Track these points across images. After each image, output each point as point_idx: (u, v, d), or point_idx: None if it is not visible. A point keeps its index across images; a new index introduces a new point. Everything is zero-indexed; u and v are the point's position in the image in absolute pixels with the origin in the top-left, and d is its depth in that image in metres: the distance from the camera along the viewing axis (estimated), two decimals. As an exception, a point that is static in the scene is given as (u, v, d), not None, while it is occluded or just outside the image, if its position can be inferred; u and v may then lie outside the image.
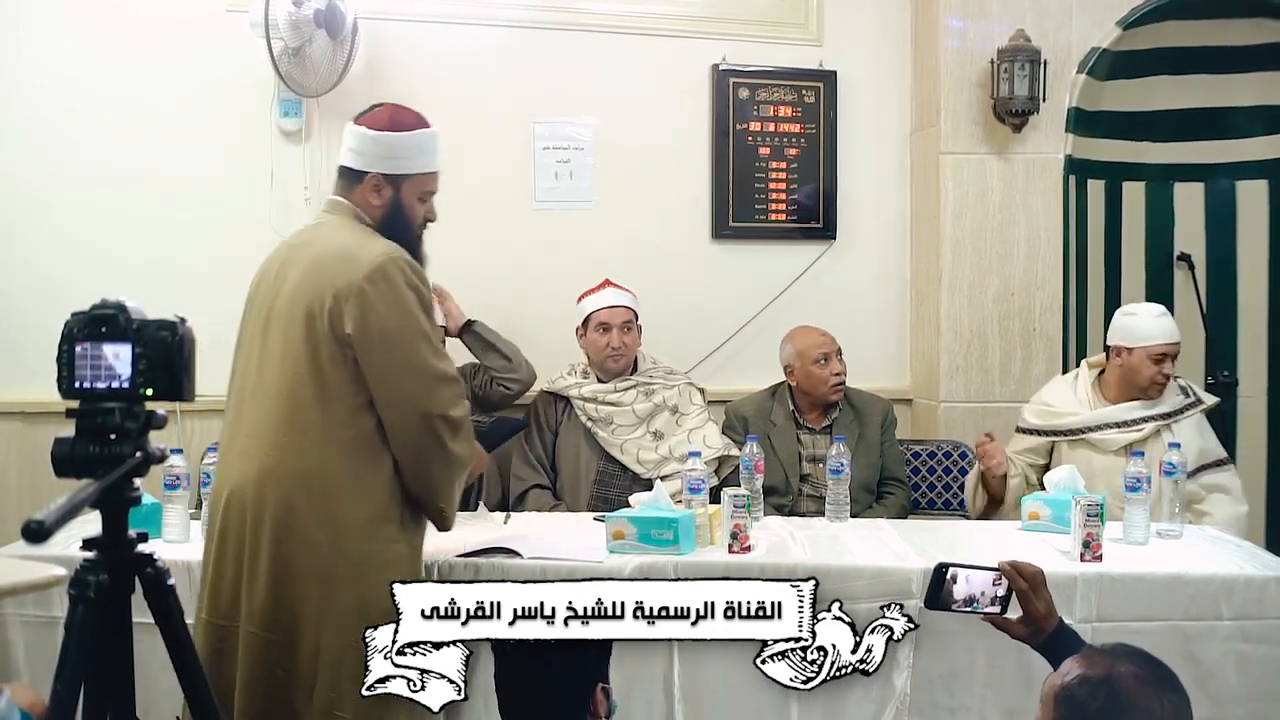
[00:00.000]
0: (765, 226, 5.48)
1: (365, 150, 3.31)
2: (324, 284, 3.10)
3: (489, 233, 5.25)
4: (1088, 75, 5.29)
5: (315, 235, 3.29)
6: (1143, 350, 4.44)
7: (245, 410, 3.16)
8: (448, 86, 5.21)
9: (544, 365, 4.94)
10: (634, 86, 5.38)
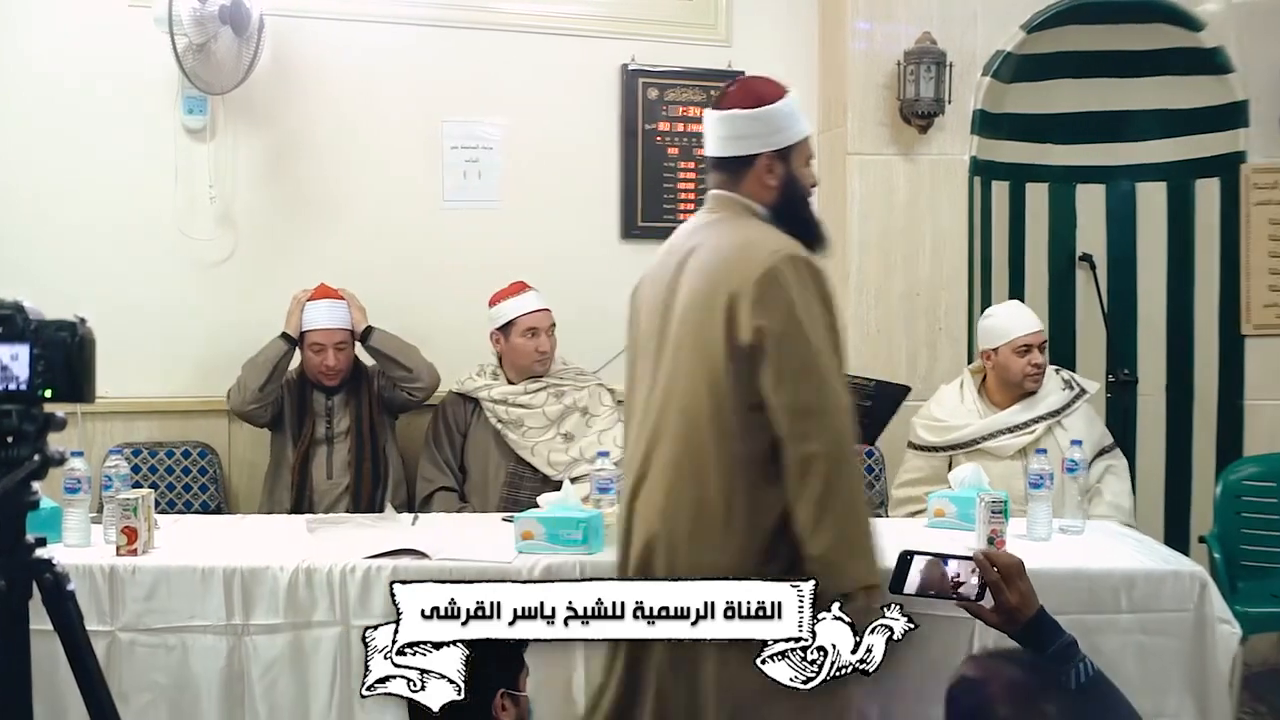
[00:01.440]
0: (674, 226, 5.30)
1: (749, 132, 3.02)
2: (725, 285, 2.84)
3: (397, 232, 5.22)
4: (992, 78, 5.36)
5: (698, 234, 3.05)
6: (1006, 346, 4.51)
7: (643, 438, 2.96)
8: (355, 85, 5.18)
9: (451, 365, 4.91)
10: (543, 86, 5.37)
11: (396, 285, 5.14)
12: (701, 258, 2.92)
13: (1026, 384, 4.51)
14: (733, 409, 2.79)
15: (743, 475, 2.78)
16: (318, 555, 3.52)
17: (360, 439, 4.71)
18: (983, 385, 4.66)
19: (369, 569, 3.46)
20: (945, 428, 4.59)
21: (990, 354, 4.57)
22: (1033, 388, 4.52)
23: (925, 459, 4.59)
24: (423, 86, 5.27)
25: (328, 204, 5.18)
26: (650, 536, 2.86)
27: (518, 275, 4.87)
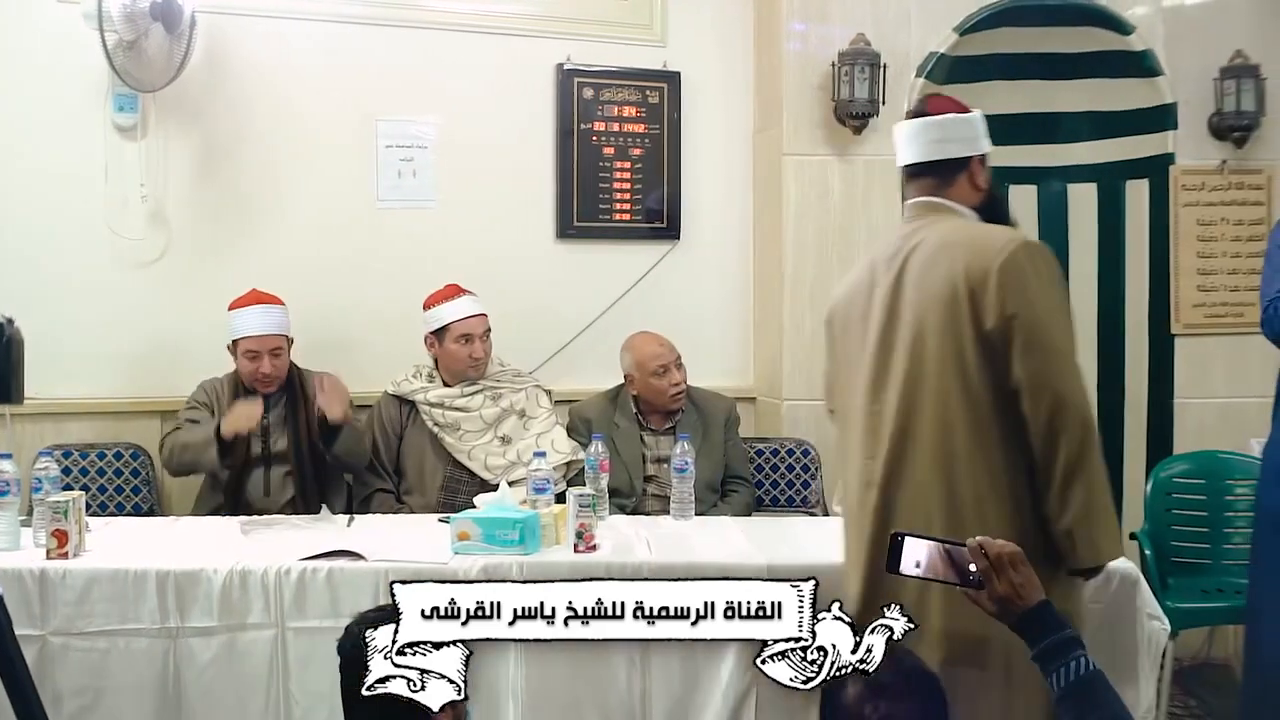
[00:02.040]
0: (609, 226, 5.49)
1: (963, 135, 3.15)
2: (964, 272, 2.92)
3: (331, 231, 5.19)
4: (925, 79, 5.39)
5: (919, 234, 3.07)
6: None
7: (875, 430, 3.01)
8: (288, 83, 5.14)
9: (386, 366, 4.89)
10: (478, 85, 5.35)
11: (331, 285, 5.11)
12: (928, 255, 2.99)
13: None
14: (983, 395, 2.87)
15: (999, 457, 2.87)
16: (252, 557, 3.50)
17: (300, 459, 4.63)
18: None
19: (304, 571, 3.44)
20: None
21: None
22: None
23: None
24: (356, 85, 5.23)
25: (261, 203, 5.14)
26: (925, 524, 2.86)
27: (453, 275, 4.85)
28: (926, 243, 3.02)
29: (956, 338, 2.89)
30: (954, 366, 2.90)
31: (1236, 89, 5.38)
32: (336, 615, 3.31)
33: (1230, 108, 5.38)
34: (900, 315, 3.01)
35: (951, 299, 2.90)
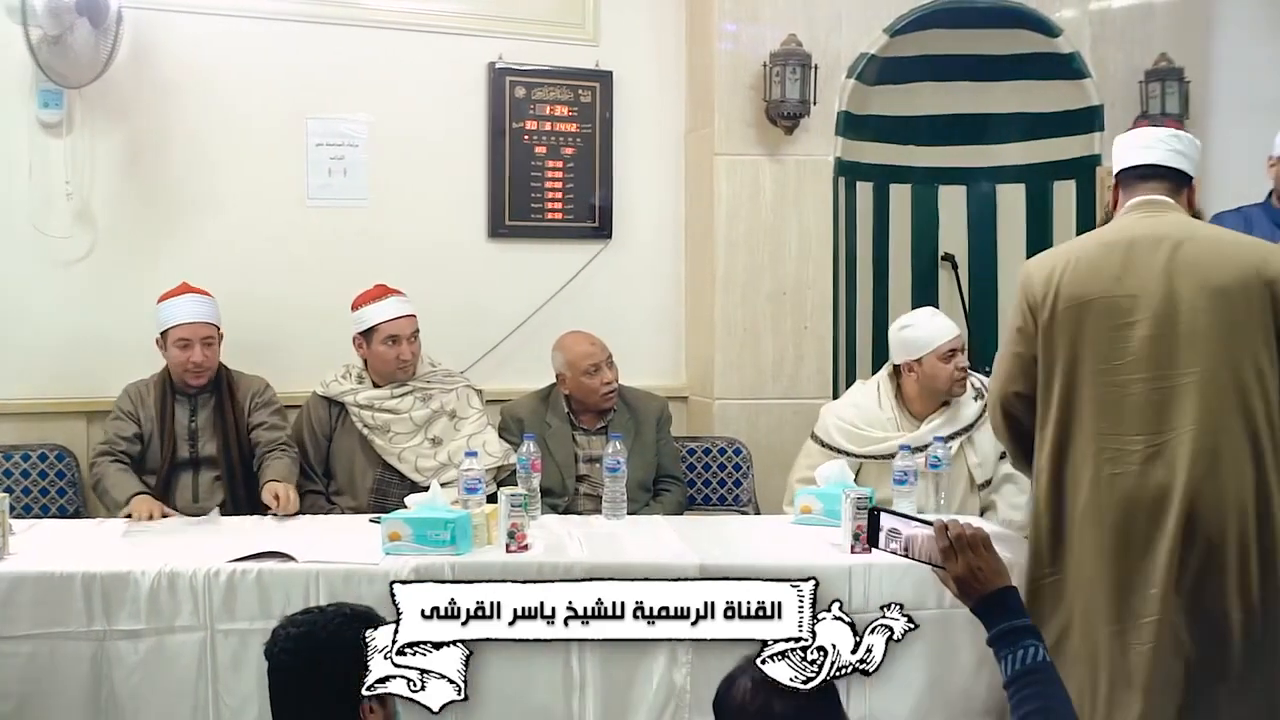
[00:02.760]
0: (542, 225, 5.49)
1: (1194, 156, 3.35)
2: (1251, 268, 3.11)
3: (260, 230, 5.14)
4: (856, 80, 5.43)
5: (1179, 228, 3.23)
6: (931, 355, 4.41)
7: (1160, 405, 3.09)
8: (217, 80, 5.09)
9: (316, 366, 4.85)
10: (409, 84, 5.33)
11: (260, 284, 5.07)
12: (1201, 252, 3.15)
13: (954, 389, 4.44)
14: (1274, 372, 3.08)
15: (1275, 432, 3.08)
16: (180, 559, 3.46)
17: (229, 463, 4.57)
18: (899, 391, 4.55)
19: (233, 572, 3.41)
20: (864, 437, 4.48)
21: (914, 365, 4.45)
22: (960, 392, 4.45)
23: (831, 458, 4.42)
24: (287, 82, 5.19)
25: (189, 201, 5.08)
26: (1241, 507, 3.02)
27: (384, 275, 4.82)
28: (1194, 240, 3.18)
29: (1254, 332, 3.08)
30: (1259, 346, 3.08)
31: (1161, 91, 5.47)
32: (266, 617, 3.28)
33: (1155, 110, 5.47)
34: (1182, 296, 3.11)
35: (1238, 291, 3.09)
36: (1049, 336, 3.23)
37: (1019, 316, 3.32)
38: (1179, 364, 3.09)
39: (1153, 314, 3.12)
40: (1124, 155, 3.39)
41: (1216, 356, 3.07)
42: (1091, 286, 3.20)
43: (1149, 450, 3.09)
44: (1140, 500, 3.07)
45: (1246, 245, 3.25)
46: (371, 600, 3.05)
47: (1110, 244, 3.25)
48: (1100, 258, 3.23)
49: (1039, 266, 3.33)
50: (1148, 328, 3.12)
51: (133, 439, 4.52)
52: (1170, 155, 3.32)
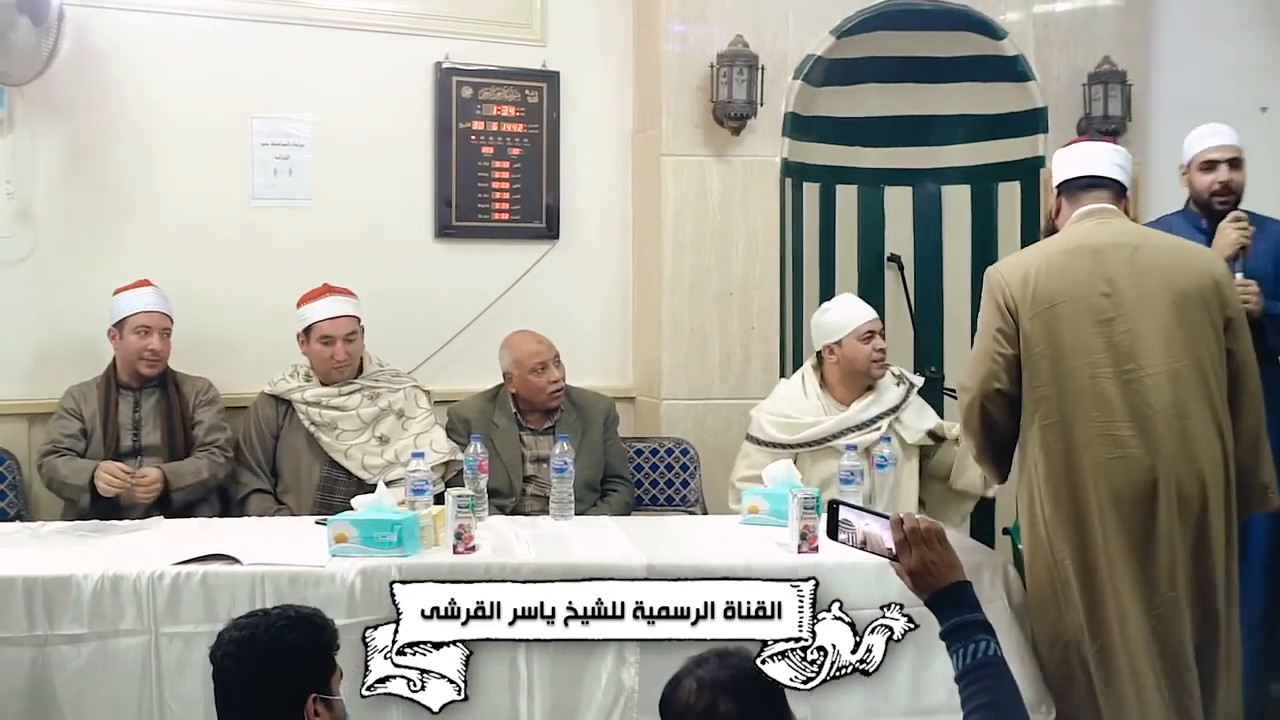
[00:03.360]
0: (489, 226, 5.47)
1: (1129, 169, 3.70)
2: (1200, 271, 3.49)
3: (205, 230, 5.10)
4: (803, 81, 5.44)
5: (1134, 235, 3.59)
6: (850, 336, 4.51)
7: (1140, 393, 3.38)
8: (161, 78, 5.05)
9: (262, 365, 4.84)
10: (355, 84, 5.30)
11: (205, 285, 5.03)
12: (1158, 258, 3.51)
13: (873, 370, 4.52)
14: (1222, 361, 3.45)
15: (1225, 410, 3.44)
16: (123, 562, 3.43)
17: (174, 454, 4.56)
18: (823, 380, 4.64)
19: (178, 575, 3.38)
20: (796, 425, 4.54)
21: (833, 347, 4.55)
22: (879, 374, 4.53)
23: (769, 454, 4.50)
24: (231, 81, 5.15)
25: (132, 201, 5.04)
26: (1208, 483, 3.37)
27: (330, 275, 4.81)
28: (1149, 246, 3.55)
29: (1213, 317, 3.44)
30: (1211, 341, 3.43)
31: (1104, 94, 5.52)
32: (211, 620, 3.26)
33: (1098, 112, 5.52)
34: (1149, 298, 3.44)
35: (1196, 292, 3.44)
36: (1032, 336, 3.45)
37: (998, 318, 3.51)
38: (1153, 357, 3.39)
39: (1127, 313, 3.42)
40: (1066, 168, 3.70)
41: (1182, 350, 3.40)
42: (1068, 289, 3.46)
43: (1137, 435, 3.36)
44: (1140, 482, 3.35)
45: (1194, 250, 3.64)
46: (318, 602, 3.05)
47: (1076, 250, 3.52)
48: (1071, 263, 3.50)
49: (1012, 270, 3.56)
50: (1124, 324, 3.41)
51: (77, 435, 4.52)
52: (1111, 167, 3.65)
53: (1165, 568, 3.34)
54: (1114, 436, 3.37)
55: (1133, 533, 3.35)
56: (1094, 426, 3.39)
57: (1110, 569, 3.36)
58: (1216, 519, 3.37)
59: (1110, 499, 3.36)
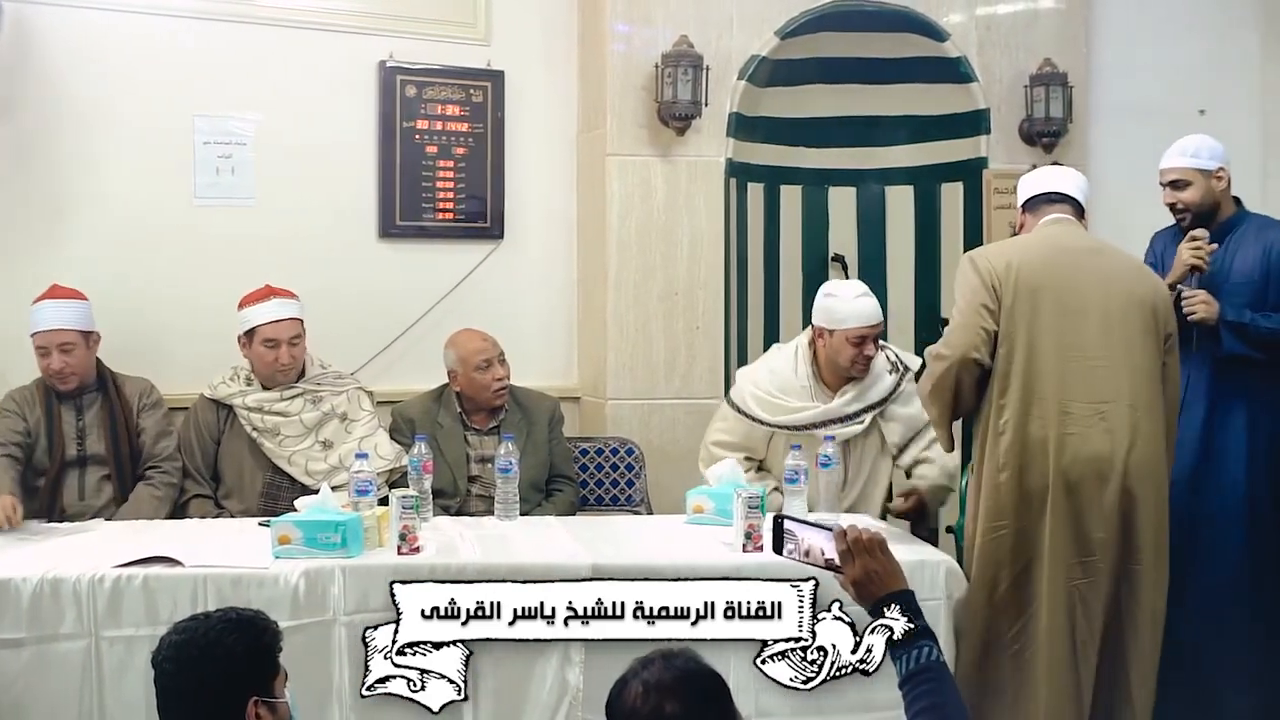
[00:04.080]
0: (433, 226, 5.45)
1: (1087, 193, 4.00)
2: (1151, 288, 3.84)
3: (146, 230, 5.06)
4: (748, 82, 5.46)
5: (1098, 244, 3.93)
6: (841, 334, 4.43)
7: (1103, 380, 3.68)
8: (101, 75, 5.00)
9: (202, 367, 4.79)
10: (299, 82, 5.27)
11: (146, 286, 5.00)
12: (1118, 266, 3.86)
13: (854, 372, 4.47)
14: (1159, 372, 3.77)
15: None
16: (63, 565, 3.40)
17: (118, 461, 4.50)
18: (815, 358, 4.56)
19: (118, 578, 3.35)
20: (780, 407, 4.49)
21: (825, 334, 4.48)
22: (859, 377, 4.48)
23: (746, 425, 4.51)
24: (173, 79, 5.11)
25: (71, 199, 4.99)
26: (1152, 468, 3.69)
27: (273, 275, 4.77)
28: (1110, 255, 3.89)
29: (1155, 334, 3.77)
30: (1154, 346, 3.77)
31: (1045, 96, 5.56)
32: (153, 623, 3.23)
33: (1040, 114, 5.56)
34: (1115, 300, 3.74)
35: (1144, 308, 3.76)
36: (1011, 316, 3.70)
37: (984, 293, 3.73)
38: (1115, 350, 3.69)
39: (1097, 309, 3.71)
40: (1030, 186, 4.02)
41: (1138, 349, 3.72)
42: (1046, 280, 3.73)
43: (1096, 416, 3.65)
44: (1094, 458, 3.63)
45: (1141, 267, 4.02)
46: (261, 604, 3.04)
47: (1052, 246, 3.84)
48: (1049, 257, 3.80)
49: (996, 256, 3.83)
50: (1093, 318, 3.70)
51: (25, 434, 4.45)
52: (1072, 187, 3.97)
53: (1100, 543, 3.63)
54: (1074, 416, 3.64)
55: (1079, 506, 3.63)
56: (1057, 405, 3.65)
57: (1054, 537, 3.62)
58: (1157, 504, 3.70)
59: (1065, 472, 3.62)
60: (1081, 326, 3.71)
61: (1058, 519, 3.62)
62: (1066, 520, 3.63)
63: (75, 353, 4.47)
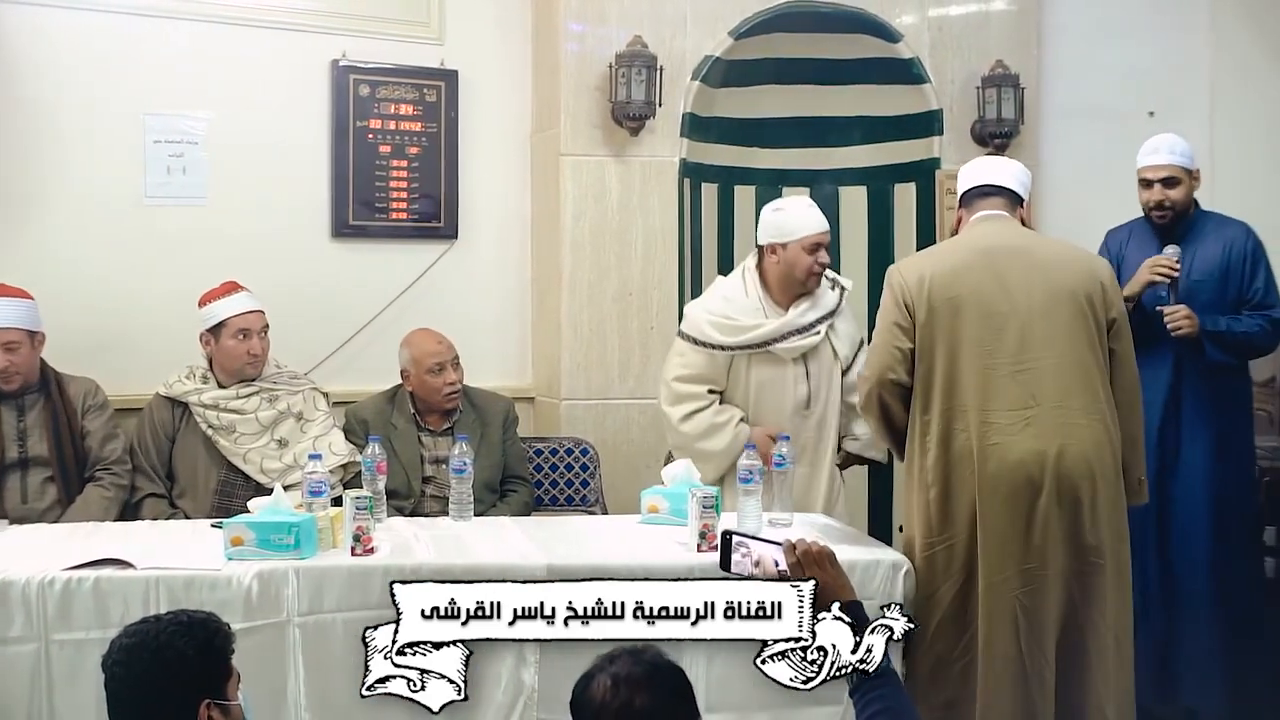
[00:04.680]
0: (386, 225, 5.44)
1: (1026, 183, 3.88)
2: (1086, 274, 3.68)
3: (96, 229, 5.03)
4: (701, 82, 5.47)
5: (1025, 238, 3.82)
6: (796, 243, 4.44)
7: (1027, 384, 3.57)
8: (50, 73, 4.96)
9: (156, 366, 4.75)
10: (250, 81, 5.24)
11: (97, 285, 4.96)
12: (1045, 259, 3.72)
13: (809, 283, 4.48)
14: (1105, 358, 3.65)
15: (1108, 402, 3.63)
16: (11, 568, 3.36)
17: (62, 462, 4.47)
18: (762, 279, 4.56)
19: (69, 581, 3.31)
20: (737, 327, 4.47)
21: (777, 248, 4.47)
22: (813, 288, 4.49)
23: (705, 355, 4.48)
24: (123, 77, 5.07)
25: (20, 200, 4.94)
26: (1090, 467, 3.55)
27: (225, 274, 4.74)
28: (1037, 250, 3.77)
29: (1089, 323, 3.63)
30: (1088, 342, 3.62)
31: (997, 97, 5.60)
32: (104, 626, 3.20)
33: (991, 115, 5.60)
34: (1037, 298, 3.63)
35: (1077, 298, 3.63)
36: (927, 331, 3.64)
37: (896, 312, 3.69)
38: (1039, 351, 3.59)
39: (1017, 311, 3.61)
40: (965, 179, 3.91)
41: (1067, 345, 3.60)
42: (962, 288, 3.65)
43: (1022, 422, 3.55)
44: (1020, 464, 3.53)
45: (1079, 255, 3.84)
46: (214, 606, 3.01)
47: (971, 250, 3.75)
48: (966, 263, 3.71)
49: (909, 270, 3.76)
50: (1014, 321, 3.60)
51: None
52: (1006, 177, 3.85)
53: (1038, 551, 3.53)
54: (997, 425, 3.56)
55: (1011, 515, 3.53)
56: (981, 414, 3.57)
57: (985, 549, 3.53)
58: (1103, 504, 3.57)
59: (991, 482, 3.54)
60: (1002, 331, 3.61)
61: (988, 530, 3.53)
62: (998, 531, 3.53)
63: (20, 351, 4.44)
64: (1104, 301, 3.67)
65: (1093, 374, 3.62)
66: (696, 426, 4.47)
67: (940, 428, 3.61)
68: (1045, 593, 3.54)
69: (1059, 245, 3.89)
